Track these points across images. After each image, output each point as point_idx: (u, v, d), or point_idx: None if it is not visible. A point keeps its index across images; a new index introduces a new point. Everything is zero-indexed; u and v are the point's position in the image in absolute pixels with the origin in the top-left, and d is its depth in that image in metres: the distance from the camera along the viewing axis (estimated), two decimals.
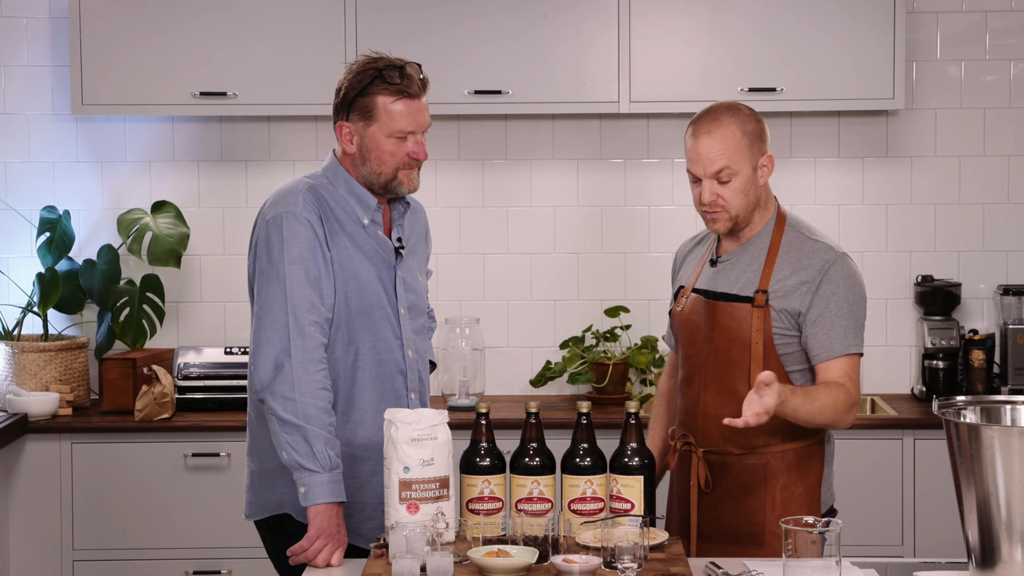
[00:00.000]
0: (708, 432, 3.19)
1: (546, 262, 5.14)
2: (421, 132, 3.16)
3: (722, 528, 3.17)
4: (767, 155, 3.18)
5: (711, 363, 3.18)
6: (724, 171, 3.13)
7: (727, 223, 3.18)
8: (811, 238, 3.20)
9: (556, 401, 4.96)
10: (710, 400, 3.18)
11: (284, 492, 3.16)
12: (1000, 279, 5.09)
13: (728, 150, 3.13)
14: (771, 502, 3.13)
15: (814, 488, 3.15)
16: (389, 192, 3.19)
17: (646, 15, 4.74)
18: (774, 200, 3.25)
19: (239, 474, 4.53)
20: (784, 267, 3.16)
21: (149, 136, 5.10)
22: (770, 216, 3.22)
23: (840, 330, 3.11)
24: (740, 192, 3.15)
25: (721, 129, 3.14)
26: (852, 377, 3.11)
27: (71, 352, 4.86)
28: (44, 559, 4.64)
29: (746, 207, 3.17)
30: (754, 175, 3.16)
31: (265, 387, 3.05)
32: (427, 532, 2.81)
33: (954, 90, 5.06)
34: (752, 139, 3.15)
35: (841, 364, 3.11)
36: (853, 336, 3.13)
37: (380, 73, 3.12)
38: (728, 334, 3.15)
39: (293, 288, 3.07)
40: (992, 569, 2.53)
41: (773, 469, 3.13)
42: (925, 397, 4.93)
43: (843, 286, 3.13)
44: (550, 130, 5.11)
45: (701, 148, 3.15)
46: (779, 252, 3.18)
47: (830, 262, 3.14)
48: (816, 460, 3.15)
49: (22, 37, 5.05)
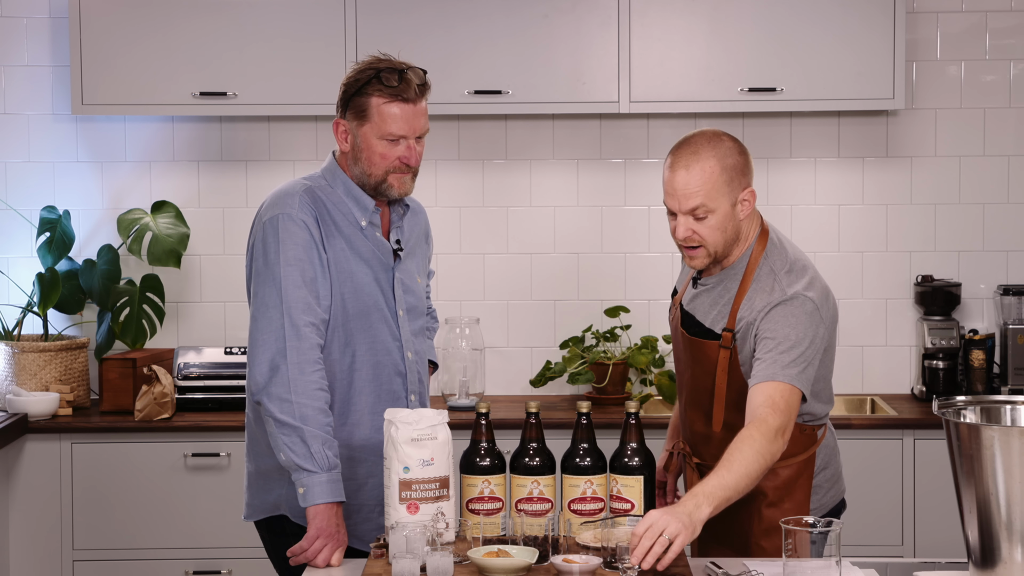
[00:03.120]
0: (696, 447, 3.22)
1: (546, 262, 5.14)
2: (415, 137, 3.14)
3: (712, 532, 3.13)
4: (749, 189, 3.07)
5: (691, 386, 3.20)
6: (700, 208, 3.01)
7: (705, 259, 3.08)
8: (774, 276, 3.07)
9: (556, 401, 4.96)
10: (694, 418, 3.21)
11: (281, 493, 3.16)
12: (1000, 279, 5.09)
13: (705, 187, 3.00)
14: (757, 518, 3.10)
15: (802, 504, 3.10)
16: (380, 195, 3.19)
17: (646, 15, 4.74)
18: (758, 224, 3.14)
19: (239, 474, 4.53)
20: (745, 311, 3.07)
21: (149, 136, 5.10)
22: (748, 246, 3.12)
23: (771, 362, 2.96)
24: (717, 229, 3.04)
25: (699, 164, 3.01)
26: (777, 404, 2.92)
27: (71, 352, 4.86)
28: (44, 559, 4.64)
29: (724, 243, 3.07)
30: (732, 211, 3.05)
31: (261, 389, 3.05)
32: (427, 532, 2.81)
33: (954, 90, 5.06)
34: (732, 174, 3.03)
35: (767, 388, 2.94)
36: (790, 368, 2.96)
37: (378, 74, 3.11)
38: (701, 366, 3.15)
39: (289, 290, 3.07)
40: (992, 569, 2.53)
41: (759, 488, 3.04)
42: (925, 397, 4.93)
43: (781, 325, 2.99)
44: (550, 130, 5.11)
45: (678, 183, 3.02)
46: (746, 293, 3.09)
47: (773, 303, 3.02)
48: (804, 477, 3.12)
49: (22, 37, 5.05)
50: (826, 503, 3.21)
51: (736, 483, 2.84)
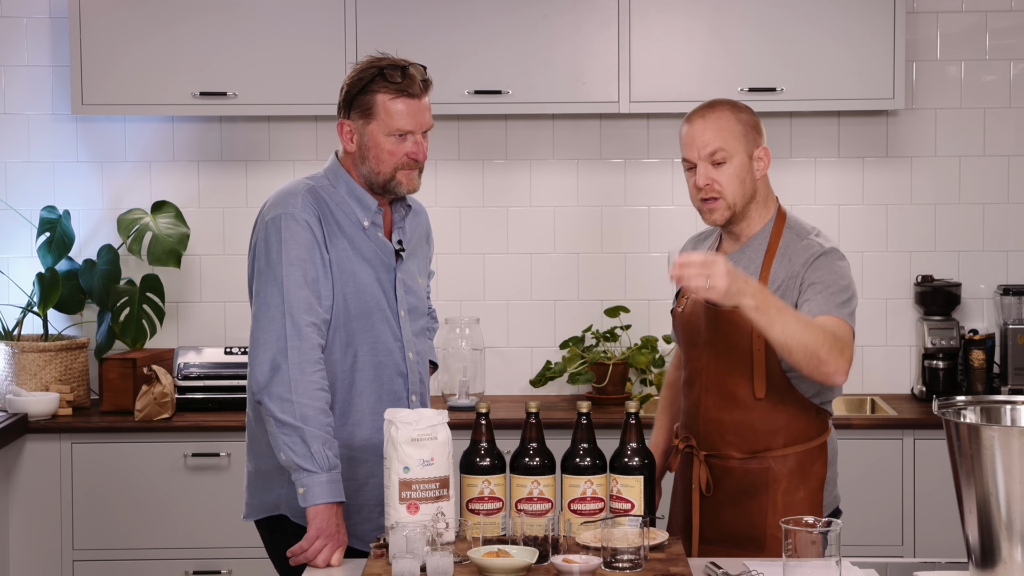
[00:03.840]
0: (709, 436, 3.18)
1: (546, 262, 5.14)
2: (421, 132, 3.15)
3: (724, 531, 3.17)
4: (763, 147, 3.16)
5: (712, 368, 3.16)
6: (718, 153, 3.10)
7: (724, 212, 3.13)
8: (805, 238, 3.15)
9: (556, 401, 4.96)
10: (711, 404, 3.17)
11: (281, 493, 3.16)
12: (1000, 279, 5.09)
13: (722, 132, 3.11)
14: (772, 506, 3.11)
15: (816, 492, 3.13)
16: (388, 192, 3.19)
17: (646, 15, 4.74)
18: (775, 199, 3.22)
19: (239, 474, 4.53)
20: (779, 269, 3.13)
21: (149, 136, 5.10)
22: (770, 216, 3.19)
23: (824, 300, 3.03)
24: (735, 178, 3.11)
25: (715, 113, 3.13)
26: (841, 330, 2.97)
27: (71, 352, 4.86)
28: (44, 559, 4.64)
29: (742, 196, 3.13)
30: (750, 164, 3.13)
31: (262, 388, 3.05)
32: (427, 532, 2.81)
33: (954, 90, 5.06)
34: (747, 128, 3.14)
35: (825, 319, 2.98)
36: (840, 308, 3.03)
37: (381, 71, 3.11)
38: (728, 339, 3.12)
39: (290, 289, 3.07)
40: (992, 569, 2.53)
41: (775, 474, 3.11)
42: (925, 397, 4.93)
43: (827, 272, 3.06)
44: (550, 130, 5.11)
45: (695, 131, 3.13)
46: (776, 254, 3.14)
47: (815, 255, 3.09)
48: (819, 463, 3.13)
49: (22, 37, 5.05)
50: (828, 504, 3.21)
51: (788, 317, 2.88)
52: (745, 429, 3.12)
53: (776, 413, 3.11)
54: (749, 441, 3.12)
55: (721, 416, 3.14)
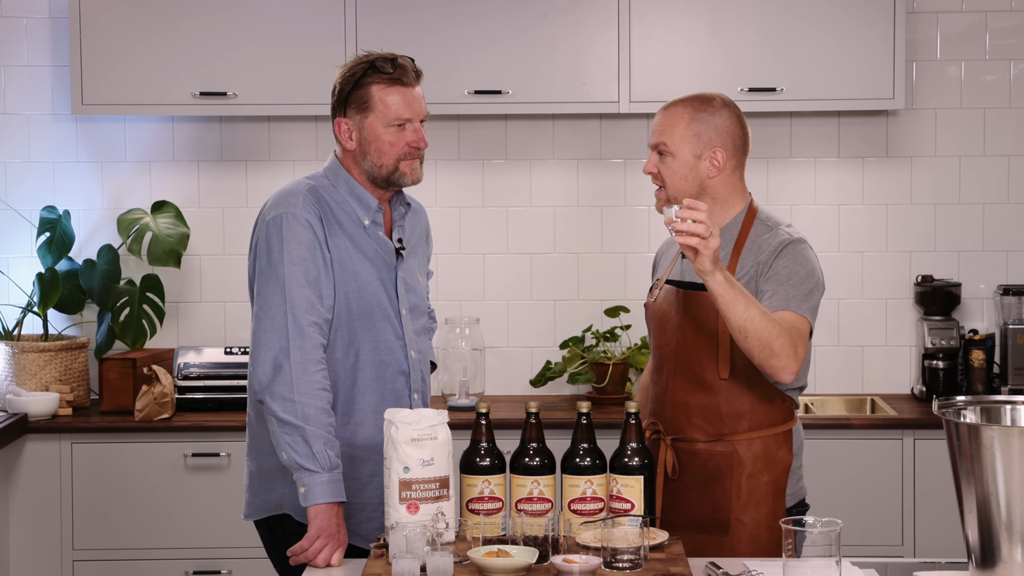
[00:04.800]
0: (676, 420, 3.23)
1: (546, 262, 5.14)
2: (419, 120, 3.16)
3: (688, 516, 3.21)
4: (718, 151, 3.18)
5: (679, 351, 3.22)
6: (661, 145, 3.20)
7: (666, 201, 3.21)
8: (774, 228, 3.20)
9: (556, 401, 4.96)
10: (678, 388, 3.22)
11: (283, 492, 3.16)
12: (1000, 279, 5.09)
13: (668, 128, 3.19)
14: (736, 490, 3.16)
15: (780, 477, 3.17)
16: (393, 185, 3.19)
17: (646, 15, 4.74)
18: (745, 197, 3.25)
19: (239, 474, 4.53)
20: (748, 257, 3.18)
21: (149, 136, 5.10)
22: (739, 211, 3.23)
23: (786, 293, 3.08)
24: (676, 174, 3.19)
25: (673, 108, 3.21)
26: (798, 328, 3.03)
27: (71, 352, 4.86)
28: (44, 559, 4.64)
29: (684, 192, 3.18)
30: (695, 164, 3.18)
31: (264, 388, 3.05)
32: (427, 532, 2.81)
33: (954, 90, 5.06)
34: (703, 128, 3.18)
35: (782, 315, 3.04)
36: (800, 302, 3.08)
37: (372, 64, 3.13)
38: (696, 322, 3.19)
39: (292, 289, 3.07)
40: (992, 569, 2.53)
41: (740, 457, 3.16)
42: (925, 397, 4.93)
43: (792, 260, 3.12)
44: (550, 130, 5.11)
45: (656, 119, 3.25)
46: (745, 245, 3.19)
47: (783, 242, 3.15)
48: (783, 450, 3.18)
49: (22, 37, 5.05)
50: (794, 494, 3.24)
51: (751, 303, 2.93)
52: (711, 412, 3.18)
53: (741, 397, 3.16)
54: (715, 424, 3.18)
55: (688, 399, 3.20)
